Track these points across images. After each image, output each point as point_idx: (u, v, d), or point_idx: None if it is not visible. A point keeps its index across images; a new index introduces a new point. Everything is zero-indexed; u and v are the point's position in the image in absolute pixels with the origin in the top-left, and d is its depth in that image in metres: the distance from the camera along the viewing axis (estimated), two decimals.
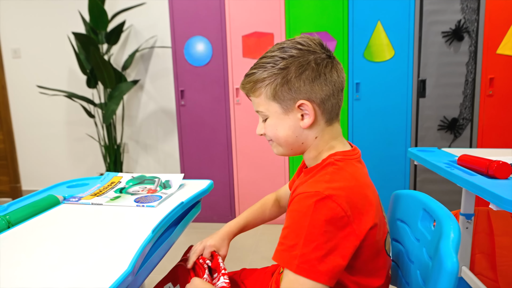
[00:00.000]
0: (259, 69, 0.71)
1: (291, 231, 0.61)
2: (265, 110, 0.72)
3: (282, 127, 0.72)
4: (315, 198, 0.60)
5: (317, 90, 0.68)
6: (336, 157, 0.69)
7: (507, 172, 0.92)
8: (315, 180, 0.66)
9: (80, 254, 0.66)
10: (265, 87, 0.70)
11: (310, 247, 0.57)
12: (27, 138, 3.30)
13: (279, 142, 0.74)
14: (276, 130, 0.72)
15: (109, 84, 2.68)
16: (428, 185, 2.30)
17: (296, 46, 0.69)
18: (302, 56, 0.68)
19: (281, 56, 0.69)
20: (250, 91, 0.73)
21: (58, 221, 0.83)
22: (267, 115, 0.73)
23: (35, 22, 3.08)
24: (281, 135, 0.72)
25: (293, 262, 0.57)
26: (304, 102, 0.68)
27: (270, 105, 0.71)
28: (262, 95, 0.71)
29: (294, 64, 0.68)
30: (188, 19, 2.39)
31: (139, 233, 0.74)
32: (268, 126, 0.74)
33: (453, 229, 0.56)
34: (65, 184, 1.15)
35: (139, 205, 0.92)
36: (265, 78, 0.70)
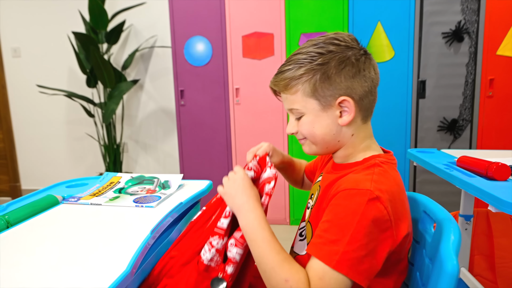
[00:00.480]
0: (294, 65, 0.68)
1: (335, 225, 0.58)
2: (301, 107, 0.69)
3: (320, 124, 0.69)
4: (367, 197, 0.58)
5: (357, 86, 0.68)
6: (380, 159, 0.68)
7: (506, 174, 0.92)
8: (361, 177, 0.63)
9: (79, 254, 0.66)
10: (302, 84, 0.68)
11: (354, 246, 0.56)
12: (27, 137, 3.29)
13: (315, 140, 0.72)
14: (313, 127, 0.70)
15: (109, 83, 2.67)
16: (427, 186, 2.30)
17: (334, 42, 0.68)
18: (342, 52, 0.67)
19: (318, 51, 0.67)
20: (285, 88, 0.70)
21: (57, 221, 0.83)
22: (303, 113, 0.70)
23: (35, 21, 3.07)
24: (318, 133, 0.70)
25: (333, 258, 0.56)
26: (346, 99, 0.67)
27: (307, 102, 0.69)
28: (299, 92, 0.69)
29: (334, 60, 0.66)
30: (188, 19, 2.39)
31: (137, 234, 0.74)
32: (303, 124, 0.71)
33: (453, 231, 0.56)
34: (64, 184, 1.14)
35: (138, 205, 0.92)
36: (302, 74, 0.67)
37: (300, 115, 0.71)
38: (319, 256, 0.57)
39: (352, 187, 0.61)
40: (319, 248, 0.58)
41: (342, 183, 0.64)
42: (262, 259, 0.62)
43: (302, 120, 0.71)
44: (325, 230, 0.60)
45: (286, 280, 0.57)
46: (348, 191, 0.61)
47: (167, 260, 0.74)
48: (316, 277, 0.56)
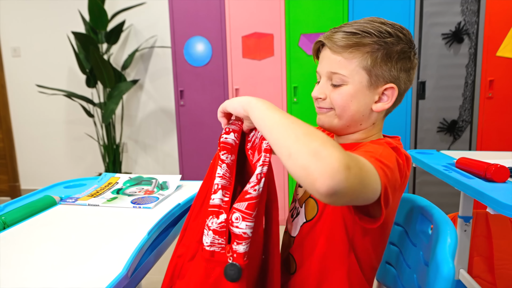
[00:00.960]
0: (362, 32, 0.65)
1: (366, 151, 0.58)
2: (350, 76, 0.66)
3: (358, 100, 0.67)
4: (389, 145, 0.62)
5: (404, 81, 0.68)
6: (387, 139, 0.69)
7: (505, 176, 0.92)
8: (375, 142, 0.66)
9: (75, 255, 0.66)
10: (363, 54, 0.65)
11: (386, 162, 0.55)
12: (26, 137, 3.29)
13: (344, 114, 0.68)
14: (351, 101, 0.67)
15: (109, 83, 2.67)
16: (426, 187, 2.30)
17: (402, 31, 0.67)
18: (406, 43, 0.67)
19: (388, 30, 0.65)
20: (344, 48, 0.66)
21: (54, 222, 0.83)
22: (347, 82, 0.67)
23: (35, 21, 3.07)
24: (353, 108, 0.67)
25: (370, 156, 0.55)
26: (393, 86, 0.67)
27: (359, 74, 0.66)
28: (355, 60, 0.66)
29: (399, 46, 0.66)
30: (188, 19, 2.39)
31: (135, 235, 0.74)
32: (342, 93, 0.67)
33: (450, 234, 0.56)
34: (62, 184, 1.14)
35: (135, 206, 0.92)
36: (368, 44, 0.65)
37: (342, 83, 0.67)
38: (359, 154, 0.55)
39: (372, 142, 0.64)
40: (357, 152, 0.56)
41: (358, 146, 0.65)
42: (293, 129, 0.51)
43: (342, 89, 0.67)
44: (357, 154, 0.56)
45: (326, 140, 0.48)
46: (370, 142, 0.63)
47: (176, 261, 0.68)
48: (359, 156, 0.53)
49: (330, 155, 0.45)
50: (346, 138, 0.73)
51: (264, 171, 0.58)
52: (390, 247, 0.81)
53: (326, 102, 0.70)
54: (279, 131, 0.53)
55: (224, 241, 0.59)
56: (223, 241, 0.59)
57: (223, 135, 0.68)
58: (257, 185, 0.57)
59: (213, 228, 0.59)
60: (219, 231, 0.59)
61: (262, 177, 0.58)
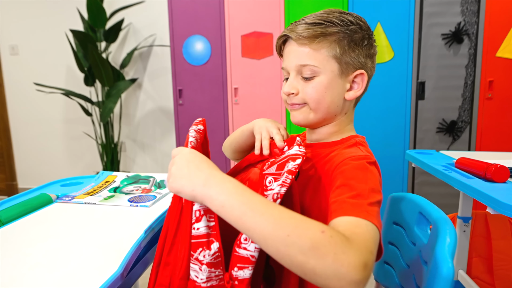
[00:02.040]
0: (325, 22, 0.65)
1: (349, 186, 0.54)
2: (321, 66, 0.65)
3: (332, 90, 0.66)
4: (368, 160, 0.60)
5: (370, 67, 0.69)
6: (358, 139, 0.69)
7: (505, 176, 0.91)
8: (353, 150, 0.65)
9: (71, 254, 0.65)
10: (331, 43, 0.65)
11: (373, 199, 0.53)
12: (24, 135, 3.28)
13: (319, 106, 0.67)
14: (325, 92, 0.66)
15: (107, 82, 2.66)
16: (426, 188, 2.29)
17: (361, 19, 0.68)
18: (367, 30, 0.68)
19: (349, 19, 0.66)
20: (310, 40, 0.65)
21: (49, 220, 0.82)
22: (319, 72, 0.65)
23: (33, 19, 3.06)
24: (328, 99, 0.66)
25: (361, 209, 0.50)
26: (363, 72, 0.67)
27: (329, 63, 0.65)
28: (324, 50, 0.65)
29: (361, 33, 0.67)
30: (187, 18, 2.38)
31: (131, 234, 0.73)
32: (316, 85, 0.66)
33: (449, 233, 0.55)
34: (59, 182, 1.13)
35: (132, 205, 0.91)
36: (334, 33, 0.65)
37: (314, 74, 0.66)
38: (346, 213, 0.49)
39: (350, 156, 0.61)
40: (342, 208, 0.51)
41: (336, 159, 0.63)
42: (275, 225, 0.44)
43: (314, 81, 0.66)
44: (338, 194, 0.54)
45: (322, 231, 0.43)
46: (348, 158, 0.60)
47: (163, 268, 0.58)
48: (352, 226, 0.48)
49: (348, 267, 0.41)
50: (319, 132, 0.72)
51: (282, 192, 0.51)
52: (388, 246, 0.81)
53: (298, 98, 0.68)
54: (263, 218, 0.45)
55: (222, 271, 0.52)
56: (220, 272, 0.52)
57: None
58: None
59: (207, 261, 0.51)
60: (214, 263, 0.52)
61: (278, 198, 0.51)
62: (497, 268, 1.37)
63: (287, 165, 0.55)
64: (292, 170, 0.54)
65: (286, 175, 0.53)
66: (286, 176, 0.53)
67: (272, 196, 0.51)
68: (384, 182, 2.38)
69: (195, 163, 0.52)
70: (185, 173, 0.51)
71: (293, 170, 0.54)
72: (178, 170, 0.52)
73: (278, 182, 0.53)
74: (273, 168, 0.58)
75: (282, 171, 0.55)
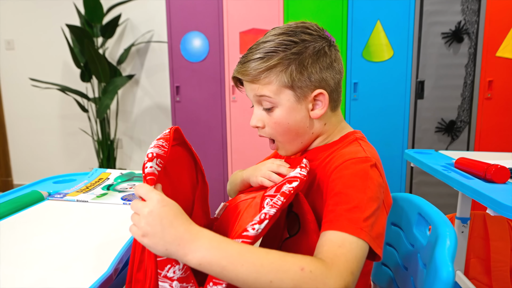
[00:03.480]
0: (265, 54, 0.63)
1: (346, 195, 0.54)
2: (275, 97, 0.64)
3: (294, 117, 0.65)
4: (369, 163, 0.58)
5: (330, 78, 0.66)
6: (357, 135, 0.68)
7: (505, 176, 0.90)
8: (352, 149, 0.63)
9: (60, 253, 0.63)
10: (277, 74, 0.63)
11: (371, 211, 0.52)
12: (20, 131, 3.25)
13: (287, 137, 0.67)
14: (288, 121, 0.65)
15: (104, 78, 2.63)
16: (424, 188, 2.28)
17: (305, 31, 0.65)
18: (315, 41, 0.64)
19: (291, 39, 0.63)
20: (255, 79, 0.64)
21: (40, 218, 0.80)
22: (276, 104, 0.65)
23: (29, 13, 3.02)
24: (293, 127, 0.66)
25: (355, 225, 0.51)
26: (322, 92, 0.65)
27: (282, 93, 0.64)
28: (274, 83, 0.64)
29: (309, 49, 0.63)
30: (185, 14, 2.36)
31: (123, 233, 0.71)
32: (277, 117, 0.65)
33: (449, 236, 0.53)
34: (51, 179, 1.11)
35: (125, 203, 0.89)
36: (277, 64, 0.63)
37: (272, 105, 0.65)
38: (337, 227, 0.51)
39: (350, 158, 0.59)
40: (335, 220, 0.52)
41: (335, 160, 0.61)
42: (257, 274, 0.45)
43: (275, 113, 0.66)
44: (336, 203, 0.54)
45: (301, 268, 0.45)
46: (349, 161, 0.58)
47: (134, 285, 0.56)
48: (335, 245, 0.49)
49: None
50: (313, 145, 0.71)
51: (271, 213, 0.50)
52: (386, 247, 0.79)
53: (265, 132, 0.69)
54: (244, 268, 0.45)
55: (193, 284, 0.50)
56: (192, 285, 0.50)
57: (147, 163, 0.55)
58: (258, 224, 0.49)
59: (177, 277, 0.49)
60: (185, 277, 0.50)
61: (266, 218, 0.49)
62: (495, 270, 1.36)
63: (283, 186, 0.55)
64: (286, 192, 0.53)
65: (278, 196, 0.53)
66: (278, 197, 0.53)
67: (259, 216, 0.50)
68: None
69: (169, 219, 0.48)
70: (158, 231, 0.47)
71: (286, 193, 0.53)
72: (150, 226, 0.48)
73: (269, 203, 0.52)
74: (272, 190, 0.58)
75: (279, 192, 0.54)
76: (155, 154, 0.56)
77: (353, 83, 2.25)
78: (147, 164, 0.54)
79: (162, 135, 0.62)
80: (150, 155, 0.55)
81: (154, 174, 0.53)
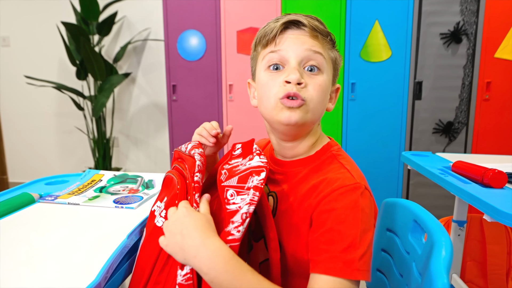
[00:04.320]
0: (325, 26, 0.63)
1: (339, 232, 0.51)
2: (327, 63, 0.62)
3: (326, 94, 0.63)
4: (359, 191, 0.54)
5: None
6: (333, 149, 0.64)
7: (503, 181, 0.89)
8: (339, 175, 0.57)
9: (48, 258, 0.62)
10: (331, 47, 0.64)
11: (365, 247, 0.51)
12: (15, 129, 3.22)
13: (316, 108, 0.61)
14: (323, 94, 0.61)
15: (100, 76, 2.61)
16: (421, 189, 2.28)
17: None
18: None
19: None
20: (322, 35, 0.61)
21: (29, 222, 0.79)
22: (323, 70, 0.61)
23: (25, 10, 2.99)
24: (323, 103, 0.62)
25: (352, 267, 0.49)
26: (339, 87, 0.66)
27: (329, 65, 0.63)
28: (327, 51, 0.62)
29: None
30: (182, 12, 2.34)
31: (114, 238, 0.69)
32: (320, 83, 0.60)
33: (445, 246, 0.52)
34: (43, 180, 1.09)
35: (117, 206, 0.87)
36: (333, 39, 0.64)
37: (319, 69, 0.61)
38: (333, 272, 0.50)
39: (339, 186, 0.55)
40: (331, 263, 0.50)
41: (322, 187, 0.57)
42: None
43: (319, 78, 0.60)
44: (328, 242, 0.52)
45: None
46: (338, 190, 0.54)
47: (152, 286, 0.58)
48: None
49: None
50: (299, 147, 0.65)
51: (251, 210, 0.51)
52: (381, 253, 0.78)
53: (305, 91, 0.59)
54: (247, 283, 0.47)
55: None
56: None
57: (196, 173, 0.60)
58: (241, 225, 0.50)
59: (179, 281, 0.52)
60: (185, 285, 0.51)
61: (247, 217, 0.51)
62: (491, 273, 1.36)
63: (251, 179, 0.54)
64: (259, 186, 0.53)
65: (253, 192, 0.53)
66: (253, 193, 0.52)
67: (240, 216, 0.51)
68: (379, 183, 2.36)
69: (189, 229, 0.51)
70: (178, 240, 0.52)
71: (259, 186, 0.53)
72: (172, 235, 0.53)
73: (245, 200, 0.52)
74: (233, 180, 0.56)
75: (246, 184, 0.54)
76: (201, 168, 0.61)
77: (351, 83, 2.24)
78: (197, 174, 0.59)
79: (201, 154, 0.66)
80: (200, 167, 0.61)
81: (199, 183, 0.59)
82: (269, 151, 0.73)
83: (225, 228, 0.52)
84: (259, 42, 0.65)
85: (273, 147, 0.70)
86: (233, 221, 0.51)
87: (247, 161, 0.60)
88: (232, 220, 0.51)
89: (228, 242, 0.50)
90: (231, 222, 0.51)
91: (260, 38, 0.64)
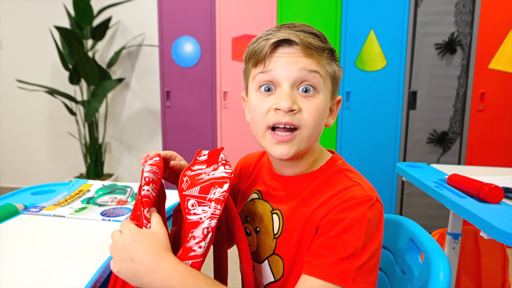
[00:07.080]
0: (319, 34, 0.58)
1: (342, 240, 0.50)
2: (324, 81, 0.57)
3: (324, 114, 0.58)
4: (368, 203, 0.52)
5: None
6: (339, 163, 0.61)
7: (499, 197, 0.88)
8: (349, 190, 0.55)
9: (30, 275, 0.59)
10: (328, 59, 0.58)
11: (366, 257, 0.50)
12: (6, 133, 3.16)
13: (312, 133, 0.57)
14: (321, 116, 0.57)
15: (93, 81, 2.58)
16: (415, 199, 2.27)
17: None
18: None
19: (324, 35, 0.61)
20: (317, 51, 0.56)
21: (12, 235, 0.75)
22: (319, 89, 0.56)
23: (18, 12, 2.96)
24: (320, 125, 0.58)
25: (348, 277, 0.48)
26: (341, 99, 0.62)
27: (327, 81, 0.58)
28: (324, 66, 0.57)
29: None
30: (177, 18, 2.32)
31: (100, 253, 0.67)
32: (318, 104, 0.56)
33: (443, 269, 0.50)
34: (29, 190, 1.06)
35: (104, 219, 0.85)
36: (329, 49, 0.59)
37: (315, 89, 0.56)
38: (330, 279, 0.48)
39: (351, 198, 0.53)
40: (329, 270, 0.49)
41: (331, 202, 0.55)
42: None
43: (315, 100, 0.56)
44: (330, 248, 0.50)
45: None
46: (348, 202, 0.53)
47: None
48: None
49: None
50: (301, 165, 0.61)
51: (213, 225, 0.49)
52: None
53: (298, 117, 0.55)
54: None
55: None
56: None
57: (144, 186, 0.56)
58: (203, 241, 0.48)
59: None
60: None
61: (209, 232, 0.49)
62: (486, 287, 1.34)
63: (213, 190, 0.52)
64: (220, 199, 0.51)
65: (214, 205, 0.50)
66: (215, 207, 0.50)
67: (202, 231, 0.49)
68: None
69: (139, 254, 0.48)
70: (130, 267, 0.48)
71: (221, 199, 0.51)
72: (122, 262, 0.49)
73: (206, 213, 0.50)
74: (195, 190, 0.54)
75: (207, 196, 0.52)
76: (151, 179, 0.57)
77: (346, 92, 2.23)
78: (144, 187, 0.55)
79: (154, 162, 0.64)
80: (148, 179, 0.56)
81: (149, 197, 0.55)
82: (266, 165, 0.70)
83: (186, 244, 0.49)
84: (249, 60, 0.61)
85: (272, 162, 0.67)
86: (195, 236, 0.49)
87: (211, 170, 0.58)
88: (193, 234, 0.49)
89: (189, 259, 0.48)
90: (193, 237, 0.49)
91: (249, 55, 0.60)
